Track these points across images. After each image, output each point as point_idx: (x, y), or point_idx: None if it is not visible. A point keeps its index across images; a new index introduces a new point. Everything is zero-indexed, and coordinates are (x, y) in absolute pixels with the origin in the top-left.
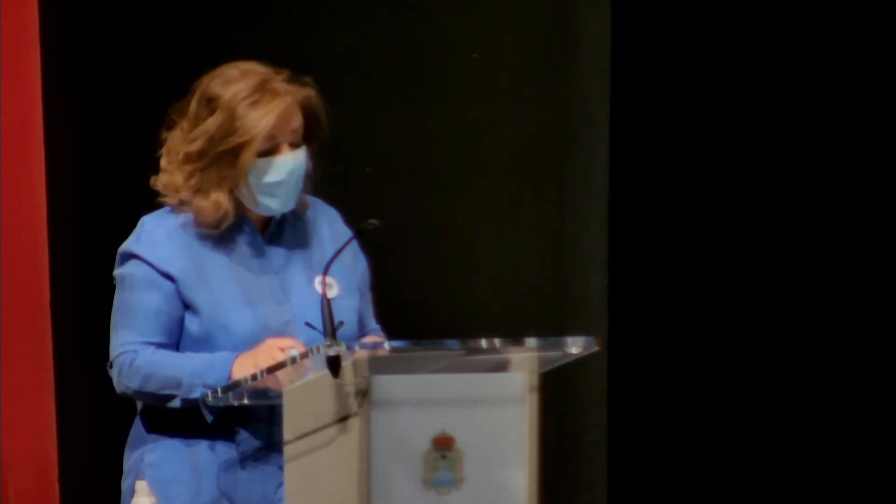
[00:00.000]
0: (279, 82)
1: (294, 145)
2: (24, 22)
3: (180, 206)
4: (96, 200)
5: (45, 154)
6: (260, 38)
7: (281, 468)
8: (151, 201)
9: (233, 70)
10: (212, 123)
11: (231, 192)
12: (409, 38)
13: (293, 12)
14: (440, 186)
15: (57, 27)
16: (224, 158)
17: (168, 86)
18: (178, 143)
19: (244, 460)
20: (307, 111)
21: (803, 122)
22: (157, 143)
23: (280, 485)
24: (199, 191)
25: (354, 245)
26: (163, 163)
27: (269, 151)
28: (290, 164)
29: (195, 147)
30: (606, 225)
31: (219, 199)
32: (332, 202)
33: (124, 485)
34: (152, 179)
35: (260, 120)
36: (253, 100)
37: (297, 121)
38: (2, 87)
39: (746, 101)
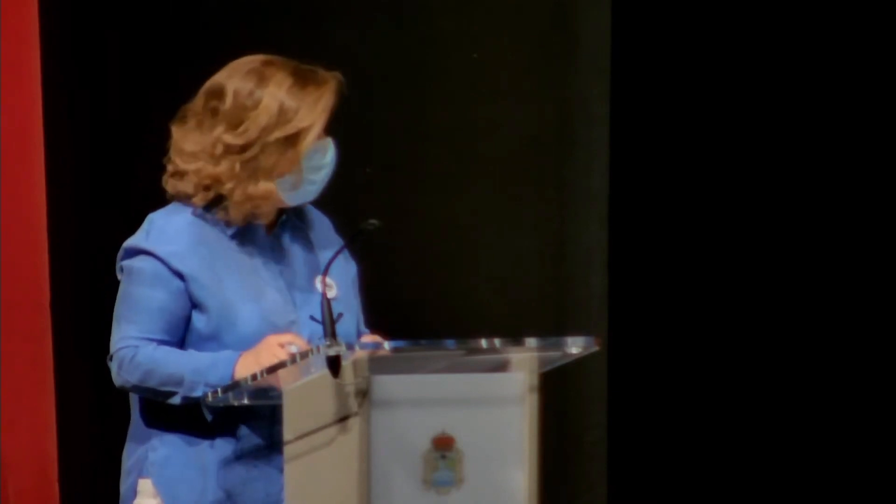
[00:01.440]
0: (308, 67)
1: (327, 132)
2: (24, 22)
3: (213, 204)
4: (96, 200)
5: (45, 154)
6: (260, 38)
7: (282, 468)
8: (152, 201)
9: (253, 62)
10: (262, 115)
11: (276, 180)
12: (409, 38)
13: (293, 12)
14: (440, 186)
15: (57, 27)
16: (278, 144)
17: (168, 86)
18: (211, 141)
19: (245, 457)
20: (337, 95)
21: (803, 121)
22: (158, 147)
23: (281, 480)
24: (248, 179)
25: (345, 249)
26: (178, 162)
27: (318, 137)
28: (332, 147)
29: (242, 140)
30: (606, 225)
31: (269, 188)
32: (333, 202)
33: (125, 483)
34: (170, 183)
35: (314, 107)
36: (299, 86)
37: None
38: (2, 87)
39: (746, 101)
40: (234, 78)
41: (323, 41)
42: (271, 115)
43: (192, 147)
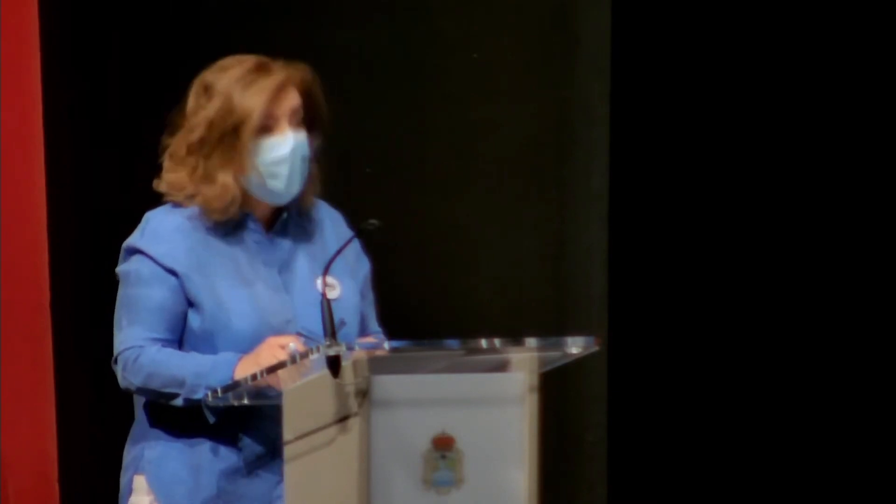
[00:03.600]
0: (276, 63)
1: (294, 125)
2: (24, 22)
3: (188, 199)
4: (96, 200)
5: (45, 154)
6: (260, 37)
7: (282, 475)
8: (152, 201)
9: (227, 59)
10: (210, 109)
11: (237, 177)
12: (409, 38)
13: (293, 12)
14: (440, 186)
15: (57, 27)
16: (226, 141)
17: (168, 86)
18: (181, 142)
19: (246, 466)
20: (304, 93)
21: (803, 121)
22: (158, 148)
23: (279, 483)
24: (206, 179)
25: (358, 246)
26: (166, 165)
27: (269, 129)
28: (291, 141)
29: (196, 136)
30: (606, 225)
31: (226, 182)
32: (332, 202)
33: (123, 479)
34: (155, 182)
35: (255, 96)
36: (248, 80)
37: (294, 99)
38: (2, 87)
39: (746, 101)
40: (206, 73)
41: (323, 41)
42: (217, 109)
43: (172, 149)
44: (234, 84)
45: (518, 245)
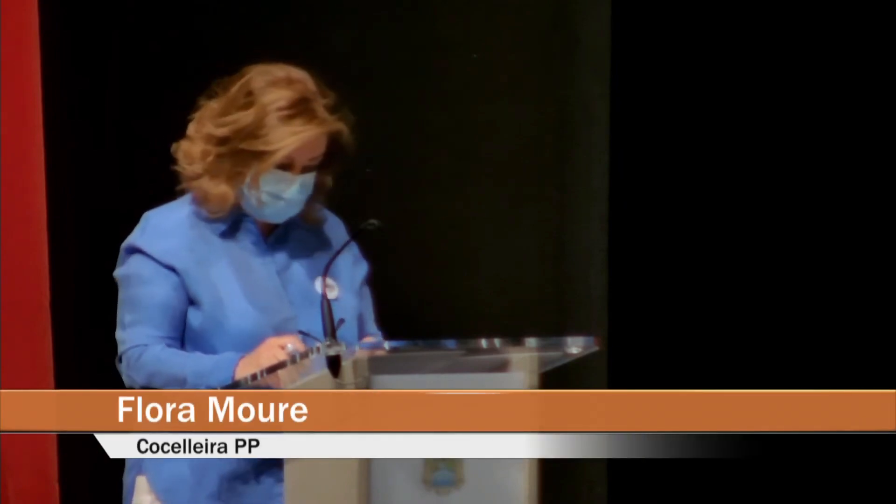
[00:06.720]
0: (319, 106)
1: (307, 169)
2: (24, 22)
3: (191, 179)
4: (96, 200)
5: (45, 154)
6: (260, 37)
7: (281, 468)
8: (152, 201)
9: (281, 72)
10: (243, 117)
11: (236, 189)
12: (409, 38)
13: (293, 12)
14: (440, 186)
15: (57, 27)
16: (243, 155)
17: (168, 85)
18: (209, 116)
19: (247, 463)
20: (332, 143)
21: (803, 121)
22: (156, 147)
23: (279, 480)
24: (211, 174)
25: (356, 250)
26: (190, 129)
27: (284, 167)
28: (297, 184)
29: (221, 132)
30: (606, 225)
31: (227, 193)
32: (333, 201)
33: (126, 479)
34: (174, 146)
35: (286, 138)
36: (287, 114)
37: (319, 149)
38: (2, 87)
39: (746, 101)
40: (257, 77)
41: (323, 41)
42: (249, 123)
43: (202, 114)
44: (274, 110)
45: (518, 245)
